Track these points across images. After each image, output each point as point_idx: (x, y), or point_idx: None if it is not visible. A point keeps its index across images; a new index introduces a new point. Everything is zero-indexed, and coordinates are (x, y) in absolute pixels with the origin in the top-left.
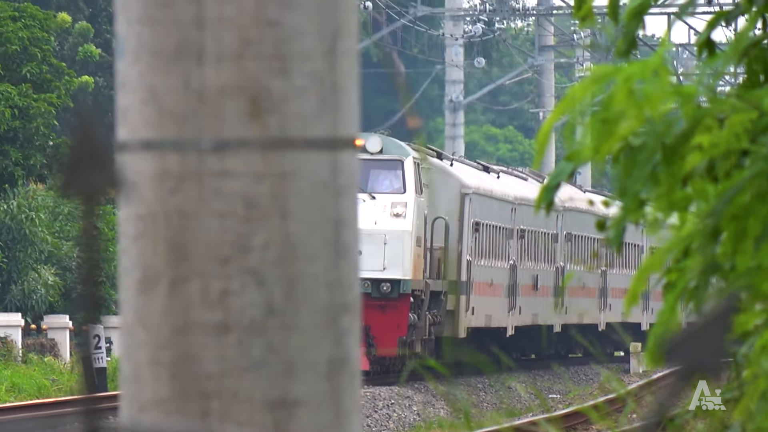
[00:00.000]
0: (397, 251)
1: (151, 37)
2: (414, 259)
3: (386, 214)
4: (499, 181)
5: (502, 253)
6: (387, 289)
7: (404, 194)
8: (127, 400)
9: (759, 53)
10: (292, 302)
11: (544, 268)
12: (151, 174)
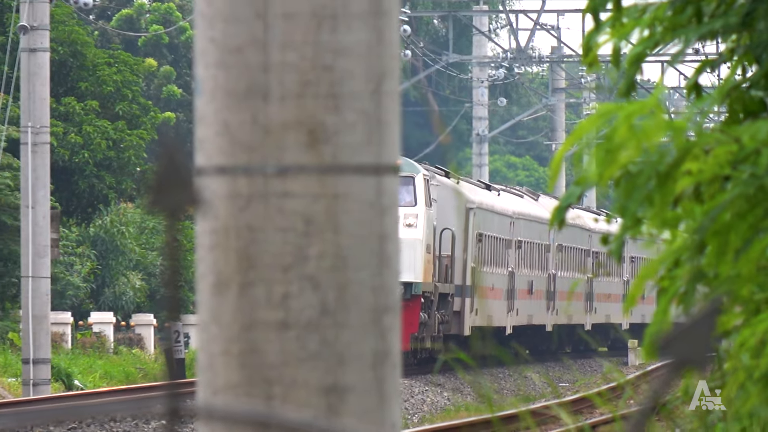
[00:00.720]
0: (410, 257)
1: (225, 79)
2: (424, 265)
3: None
4: (500, 198)
5: (502, 261)
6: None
7: (415, 207)
8: (202, 386)
9: (739, 95)
10: (343, 304)
11: (538, 275)
12: (224, 194)
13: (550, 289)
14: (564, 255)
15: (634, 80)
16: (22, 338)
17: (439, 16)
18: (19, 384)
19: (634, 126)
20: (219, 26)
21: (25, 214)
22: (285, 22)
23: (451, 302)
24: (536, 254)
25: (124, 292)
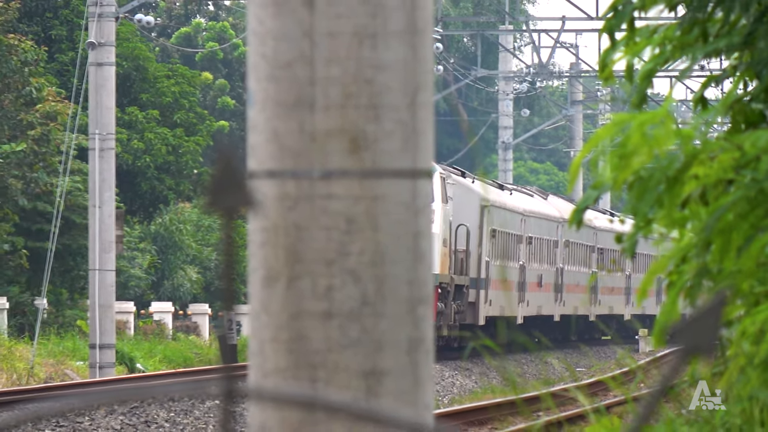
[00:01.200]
0: None
1: (275, 91)
2: (441, 258)
3: None
4: (512, 196)
5: (513, 255)
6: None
7: (432, 203)
8: (253, 369)
9: (741, 107)
10: (381, 295)
11: (547, 269)
12: (274, 196)
13: (558, 282)
14: (570, 250)
15: (645, 93)
16: (89, 325)
17: (468, 35)
18: (86, 367)
19: (645, 134)
20: (270, 43)
21: (92, 213)
22: (330, 40)
23: (467, 293)
24: (545, 249)
25: (182, 284)
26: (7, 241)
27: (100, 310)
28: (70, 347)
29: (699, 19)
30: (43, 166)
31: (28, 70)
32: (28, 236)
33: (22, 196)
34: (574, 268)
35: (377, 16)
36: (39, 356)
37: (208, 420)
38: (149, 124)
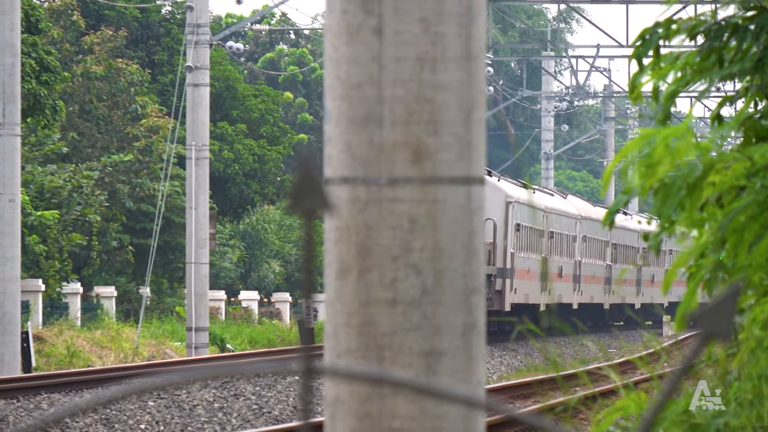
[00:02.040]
0: None
1: (347, 109)
2: None
3: None
4: (535, 195)
5: (536, 248)
6: None
7: None
8: (328, 350)
9: (752, 124)
10: (440, 286)
11: (566, 261)
12: (347, 199)
13: (576, 273)
14: (588, 245)
15: (669, 111)
16: (186, 311)
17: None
18: (183, 347)
19: (669, 146)
20: (343, 67)
21: (189, 213)
22: (395, 64)
23: (494, 282)
24: (565, 243)
25: (267, 276)
26: (116, 239)
27: (195, 298)
28: (170, 330)
29: (716, 47)
30: (147, 173)
31: (134, 90)
32: (134, 234)
33: (128, 199)
34: (591, 261)
35: (437, 43)
36: (143, 338)
37: (289, 393)
38: (238, 136)
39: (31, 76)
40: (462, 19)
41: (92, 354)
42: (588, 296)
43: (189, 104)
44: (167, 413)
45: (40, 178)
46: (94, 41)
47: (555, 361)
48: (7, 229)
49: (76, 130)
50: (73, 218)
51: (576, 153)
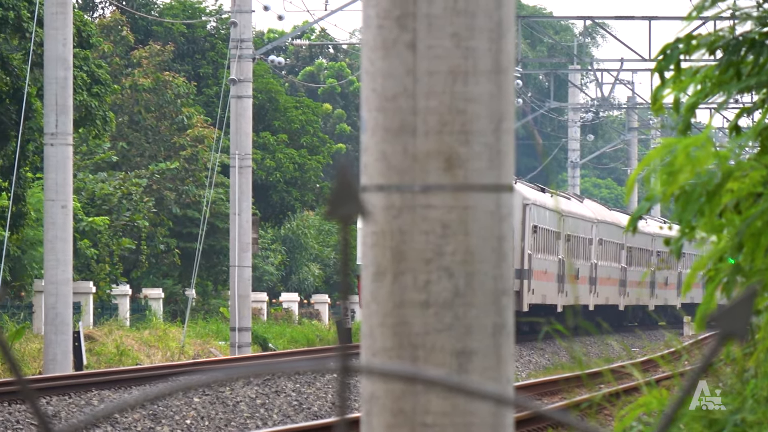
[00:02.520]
0: None
1: (383, 120)
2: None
3: None
4: (552, 198)
5: (553, 250)
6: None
7: None
8: (364, 349)
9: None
10: (471, 288)
11: (583, 264)
12: (382, 206)
13: (593, 275)
14: (603, 248)
15: (689, 122)
16: (230, 312)
17: (543, 73)
18: (227, 346)
19: (689, 155)
20: (379, 80)
21: (233, 219)
22: (429, 78)
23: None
24: (581, 246)
25: (306, 278)
26: (163, 243)
27: (239, 299)
28: (214, 329)
29: (734, 61)
30: (193, 180)
31: (181, 102)
32: (180, 238)
33: (175, 206)
34: (606, 263)
35: (468, 57)
36: (188, 337)
37: (327, 390)
38: (279, 146)
39: (83, 89)
40: (492, 34)
41: (140, 353)
42: (603, 298)
43: (233, 115)
44: (212, 409)
45: (92, 185)
46: (142, 55)
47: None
48: (60, 234)
49: (126, 139)
50: (123, 223)
51: (601, 161)
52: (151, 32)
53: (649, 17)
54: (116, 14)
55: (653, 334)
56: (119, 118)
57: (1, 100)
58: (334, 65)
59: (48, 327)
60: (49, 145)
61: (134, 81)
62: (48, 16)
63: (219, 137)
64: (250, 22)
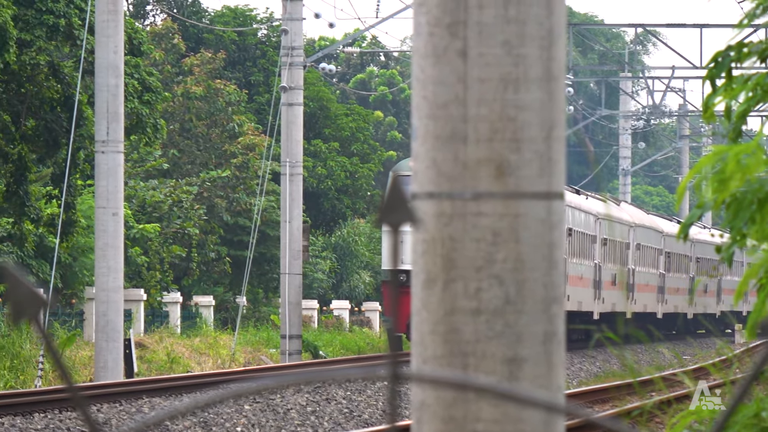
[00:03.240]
0: None
1: (434, 127)
2: None
3: None
4: (587, 200)
5: (588, 254)
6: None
7: None
8: (415, 357)
9: None
10: (521, 296)
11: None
12: (432, 213)
13: (630, 281)
14: (641, 252)
15: (740, 129)
16: (280, 319)
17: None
18: (277, 353)
19: (740, 162)
20: (430, 88)
21: (283, 227)
22: (480, 85)
23: None
24: (618, 251)
25: (357, 286)
26: (214, 250)
27: (289, 306)
28: (265, 337)
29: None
30: (244, 188)
31: (232, 110)
32: (231, 246)
33: (226, 213)
34: (644, 269)
35: (519, 65)
36: (239, 344)
37: (378, 398)
38: (330, 153)
39: (134, 96)
40: (543, 42)
41: (191, 360)
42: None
43: (284, 123)
44: (262, 416)
45: (142, 192)
46: (193, 63)
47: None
48: (111, 241)
49: (177, 147)
50: (174, 231)
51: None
52: (203, 40)
53: (701, 25)
54: (167, 22)
55: (705, 342)
56: (170, 126)
57: (52, 108)
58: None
59: (99, 334)
60: (100, 153)
61: (185, 89)
62: (99, 24)
63: (270, 145)
64: (301, 30)
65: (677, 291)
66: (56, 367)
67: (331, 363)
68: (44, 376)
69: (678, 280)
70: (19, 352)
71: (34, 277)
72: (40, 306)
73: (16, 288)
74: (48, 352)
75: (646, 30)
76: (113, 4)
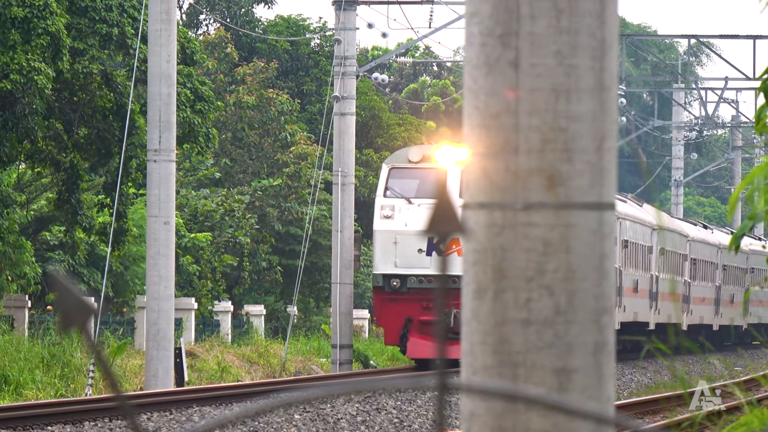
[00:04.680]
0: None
1: (486, 137)
2: None
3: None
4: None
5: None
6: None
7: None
8: (465, 367)
9: None
10: (572, 307)
11: (642, 275)
12: (483, 223)
13: (686, 293)
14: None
15: None
16: (331, 329)
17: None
18: (328, 363)
19: None
20: (482, 98)
21: (335, 236)
22: (531, 95)
23: None
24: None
25: None
26: (266, 260)
27: (340, 316)
28: (316, 346)
29: None
30: (295, 197)
31: (284, 119)
32: (282, 255)
33: (277, 222)
34: (700, 282)
35: (571, 75)
36: (290, 354)
37: (428, 408)
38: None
39: (186, 105)
40: (595, 53)
41: (241, 369)
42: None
43: (336, 132)
44: (312, 426)
45: (194, 201)
46: (246, 72)
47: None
48: (162, 250)
49: (229, 156)
50: (225, 240)
51: (705, 180)
52: (255, 49)
53: (754, 36)
54: (220, 31)
55: (756, 353)
56: (222, 135)
57: (105, 117)
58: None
59: (149, 343)
60: (152, 162)
61: (238, 98)
62: (152, 33)
63: (322, 154)
64: (354, 40)
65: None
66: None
67: (381, 372)
68: (94, 384)
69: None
70: (69, 361)
71: (86, 286)
72: (89, 315)
73: (66, 297)
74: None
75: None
76: (166, 14)
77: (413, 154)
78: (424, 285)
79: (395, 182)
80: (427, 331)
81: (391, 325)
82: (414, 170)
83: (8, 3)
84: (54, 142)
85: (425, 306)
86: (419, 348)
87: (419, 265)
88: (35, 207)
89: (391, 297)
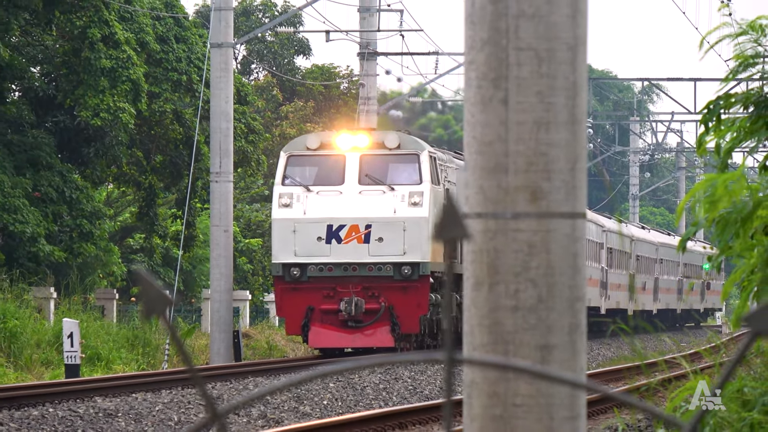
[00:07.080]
0: (416, 237)
1: (481, 161)
2: (433, 244)
3: (405, 203)
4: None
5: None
6: (408, 271)
7: (421, 185)
8: (466, 345)
9: None
10: (551, 296)
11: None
12: (480, 230)
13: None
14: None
15: (727, 162)
16: None
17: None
18: None
19: (727, 188)
20: (478, 129)
21: None
22: (518, 127)
23: None
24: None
25: None
26: None
27: None
28: None
29: (763, 114)
30: None
31: None
32: None
33: None
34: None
35: (549, 110)
36: None
37: (436, 377)
38: None
39: (241, 137)
40: (569, 92)
41: (286, 347)
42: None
43: None
44: (344, 392)
45: (248, 214)
46: (288, 110)
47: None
48: (223, 252)
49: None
50: None
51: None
52: (296, 91)
53: (695, 78)
54: (268, 77)
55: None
56: (270, 160)
57: (176, 146)
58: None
59: (213, 327)
60: (214, 182)
61: (282, 131)
62: (213, 79)
63: None
64: (375, 84)
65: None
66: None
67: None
68: (169, 360)
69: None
70: (149, 341)
71: (162, 282)
72: (167, 304)
73: (148, 290)
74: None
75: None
76: (225, 64)
77: (311, 141)
78: (324, 273)
79: (293, 170)
80: (328, 320)
81: (293, 315)
82: (312, 157)
83: (98, 56)
84: (135, 167)
85: (326, 295)
86: (321, 337)
87: (319, 253)
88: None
89: (292, 286)
